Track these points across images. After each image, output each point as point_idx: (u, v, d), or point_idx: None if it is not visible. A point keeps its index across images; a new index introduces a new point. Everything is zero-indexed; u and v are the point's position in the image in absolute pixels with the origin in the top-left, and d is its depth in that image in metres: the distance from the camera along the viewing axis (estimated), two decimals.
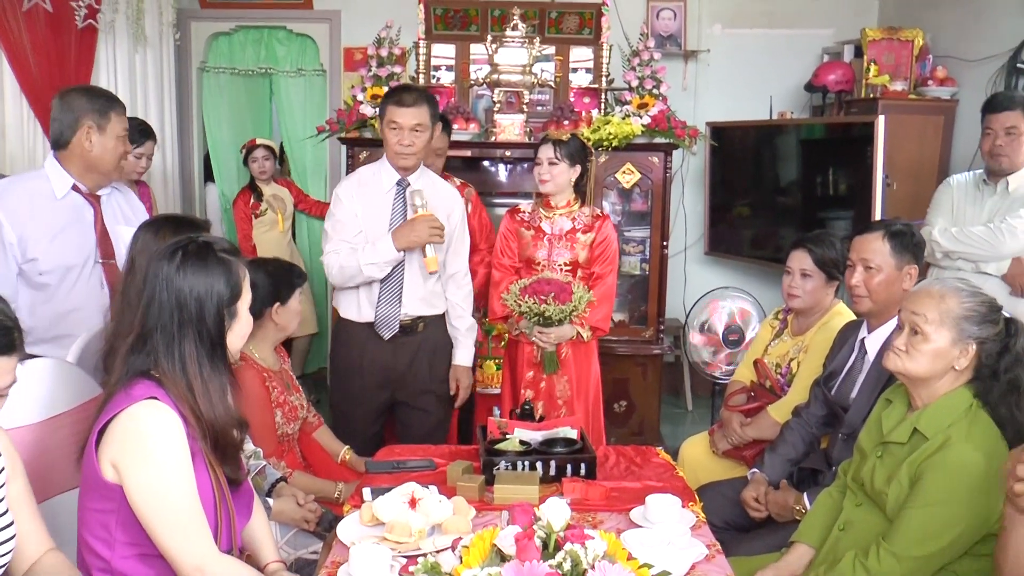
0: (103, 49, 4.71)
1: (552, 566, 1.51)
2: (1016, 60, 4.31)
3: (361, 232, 3.29)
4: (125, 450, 1.83)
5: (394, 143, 3.22)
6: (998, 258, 3.45)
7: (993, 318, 2.08)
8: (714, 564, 2.03)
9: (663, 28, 5.86)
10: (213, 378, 1.92)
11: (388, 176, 3.32)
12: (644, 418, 4.90)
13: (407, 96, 3.22)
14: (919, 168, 4.83)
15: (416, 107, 3.19)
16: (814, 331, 3.10)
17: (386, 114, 3.23)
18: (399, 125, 3.20)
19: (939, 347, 2.07)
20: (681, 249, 5.96)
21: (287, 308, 2.95)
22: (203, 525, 1.88)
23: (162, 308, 1.89)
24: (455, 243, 3.41)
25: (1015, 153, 3.47)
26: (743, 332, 5.23)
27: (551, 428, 2.69)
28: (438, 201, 3.31)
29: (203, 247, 1.94)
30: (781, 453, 2.88)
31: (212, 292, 1.91)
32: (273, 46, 6.28)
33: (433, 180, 3.44)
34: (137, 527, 1.86)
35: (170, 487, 1.83)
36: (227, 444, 1.96)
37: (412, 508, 2.07)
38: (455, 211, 3.41)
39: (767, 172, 5.46)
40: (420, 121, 3.21)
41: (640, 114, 4.56)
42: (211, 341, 1.92)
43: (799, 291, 3.11)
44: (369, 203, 3.31)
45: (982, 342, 2.06)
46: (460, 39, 4.86)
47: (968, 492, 1.97)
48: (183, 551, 1.84)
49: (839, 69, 5.23)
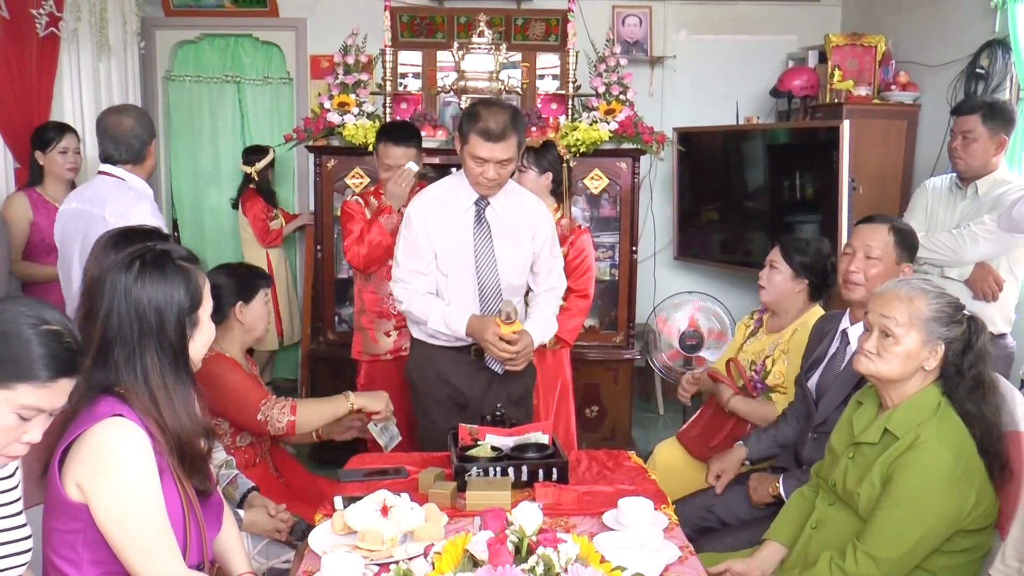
0: (65, 58, 4.64)
1: (525, 570, 1.51)
2: (975, 65, 4.38)
3: (435, 259, 3.02)
4: (90, 470, 1.80)
5: (476, 175, 2.91)
6: (961, 263, 3.49)
7: (958, 318, 2.11)
8: (687, 566, 2.04)
9: (629, 34, 5.90)
10: (177, 388, 1.89)
11: (466, 195, 3.02)
12: (615, 423, 4.91)
13: (494, 126, 2.82)
14: (884, 172, 4.90)
15: (505, 141, 2.84)
16: (791, 332, 3.13)
17: (468, 140, 2.88)
18: (484, 160, 2.87)
19: (909, 349, 2.10)
20: (650, 254, 5.99)
21: (251, 308, 2.92)
22: (171, 543, 1.85)
23: (121, 320, 1.86)
24: (543, 260, 3.14)
25: (969, 157, 3.51)
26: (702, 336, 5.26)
27: (522, 434, 2.69)
28: (522, 219, 3.07)
29: (161, 255, 1.91)
30: (771, 433, 2.94)
31: (172, 301, 1.88)
32: (239, 54, 6.25)
33: (519, 197, 3.12)
34: (104, 547, 1.83)
35: (136, 506, 1.80)
36: (194, 455, 1.94)
37: (384, 516, 2.06)
38: (541, 229, 3.11)
39: (734, 177, 5.50)
40: (509, 156, 2.89)
41: (607, 120, 4.59)
42: (173, 351, 1.89)
43: (766, 283, 3.19)
44: (444, 223, 3.01)
45: (949, 342, 2.10)
46: (426, 46, 4.86)
47: (939, 490, 2.00)
48: (151, 571, 1.81)
49: (804, 74, 5.29)
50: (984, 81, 4.32)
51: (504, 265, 3.04)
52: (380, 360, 3.88)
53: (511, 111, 2.90)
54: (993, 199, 3.45)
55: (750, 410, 3.12)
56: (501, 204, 3.03)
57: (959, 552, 2.08)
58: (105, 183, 3.20)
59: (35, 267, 3.92)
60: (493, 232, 3.02)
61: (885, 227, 2.73)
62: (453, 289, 3.03)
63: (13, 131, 4.24)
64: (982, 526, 2.07)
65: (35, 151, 3.97)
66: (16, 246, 3.86)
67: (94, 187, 3.23)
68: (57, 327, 1.61)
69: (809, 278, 3.13)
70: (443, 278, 3.04)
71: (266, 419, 2.74)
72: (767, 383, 3.12)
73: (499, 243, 3.03)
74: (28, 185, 4.02)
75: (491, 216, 3.02)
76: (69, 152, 3.98)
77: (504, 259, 3.04)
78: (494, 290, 3.04)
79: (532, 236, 3.08)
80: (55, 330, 1.60)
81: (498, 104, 2.93)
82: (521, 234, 3.06)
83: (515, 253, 3.06)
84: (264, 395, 2.80)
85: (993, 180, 3.51)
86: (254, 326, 2.95)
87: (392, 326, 3.87)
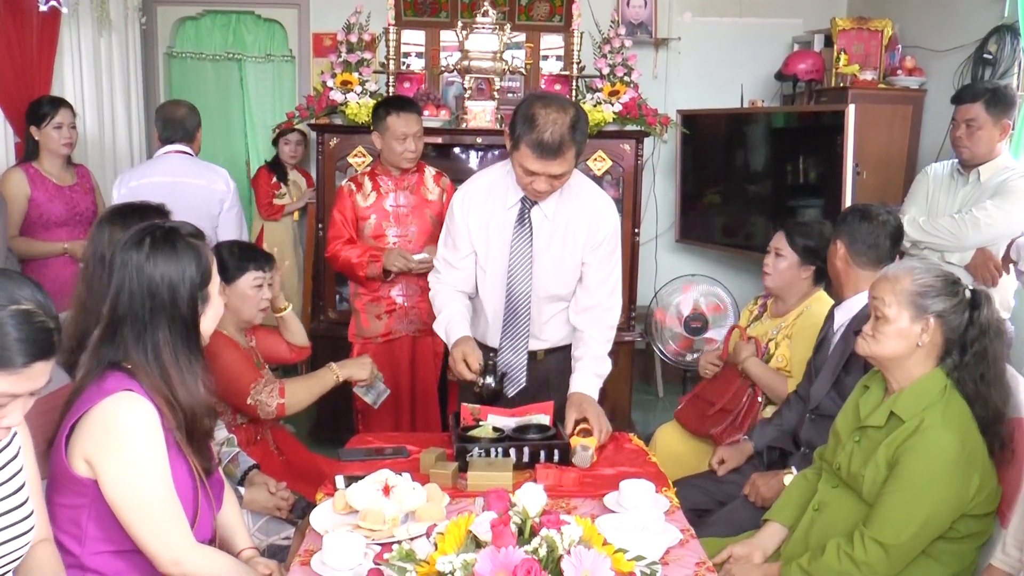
0: (67, 34, 4.61)
1: (528, 552, 1.50)
2: (982, 51, 4.35)
3: (473, 255, 2.80)
4: (100, 445, 1.80)
5: (524, 183, 2.63)
6: (962, 249, 3.48)
7: (950, 291, 2.11)
8: (688, 549, 2.04)
9: (633, 16, 5.85)
10: (190, 364, 1.91)
11: (513, 190, 2.73)
12: (616, 405, 4.90)
13: (549, 139, 2.48)
14: (888, 157, 4.87)
15: (561, 157, 2.52)
16: (794, 316, 3.13)
17: (519, 147, 2.54)
18: (535, 173, 2.57)
19: (900, 327, 2.10)
20: (652, 237, 5.98)
21: (234, 288, 2.81)
22: (179, 517, 1.87)
23: (132, 297, 1.87)
24: (593, 271, 2.78)
25: (974, 145, 3.49)
26: (706, 321, 5.26)
27: (524, 415, 2.68)
28: (578, 220, 2.74)
29: (170, 232, 1.92)
30: (775, 423, 2.94)
31: (184, 277, 1.89)
32: (241, 31, 6.22)
33: (577, 192, 2.75)
34: (110, 522, 1.84)
35: (146, 481, 1.82)
36: (201, 433, 1.95)
37: (385, 496, 2.05)
38: (599, 231, 2.75)
39: (738, 160, 5.48)
40: (564, 171, 2.58)
41: (611, 101, 4.57)
42: (185, 327, 1.91)
43: (771, 270, 3.17)
44: (485, 218, 2.76)
45: (941, 316, 2.09)
46: (430, 25, 4.84)
47: (944, 474, 2.00)
48: (160, 544, 1.83)
49: (809, 58, 5.26)
50: (992, 67, 4.29)
51: (542, 274, 2.75)
52: (371, 343, 3.87)
53: (572, 116, 2.51)
54: (995, 185, 3.44)
55: (764, 375, 3.10)
56: (552, 204, 2.72)
57: (961, 538, 2.08)
58: (175, 158, 3.94)
59: (34, 243, 3.90)
60: (535, 235, 2.73)
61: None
62: (486, 290, 2.82)
63: (13, 106, 4.21)
64: (986, 511, 2.07)
65: (30, 126, 3.95)
66: (14, 222, 3.84)
67: (168, 162, 3.94)
68: (28, 306, 1.49)
69: (816, 263, 3.10)
70: (482, 274, 2.82)
71: (256, 404, 2.74)
72: (770, 365, 3.11)
73: (540, 249, 2.74)
74: (24, 160, 4.00)
75: (536, 217, 2.72)
76: (64, 127, 3.95)
77: (543, 267, 2.75)
78: (524, 300, 2.77)
79: (587, 238, 2.74)
80: (27, 310, 1.48)
81: (558, 105, 2.53)
82: (573, 238, 2.74)
83: (560, 261, 2.76)
84: (254, 378, 2.78)
85: (996, 166, 3.50)
86: (238, 308, 2.85)
87: (383, 309, 3.85)
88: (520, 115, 2.55)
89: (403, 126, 3.67)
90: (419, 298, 3.80)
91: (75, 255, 3.87)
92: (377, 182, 3.80)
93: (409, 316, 3.85)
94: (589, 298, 2.79)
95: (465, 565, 1.49)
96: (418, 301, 3.81)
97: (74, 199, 4.00)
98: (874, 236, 2.75)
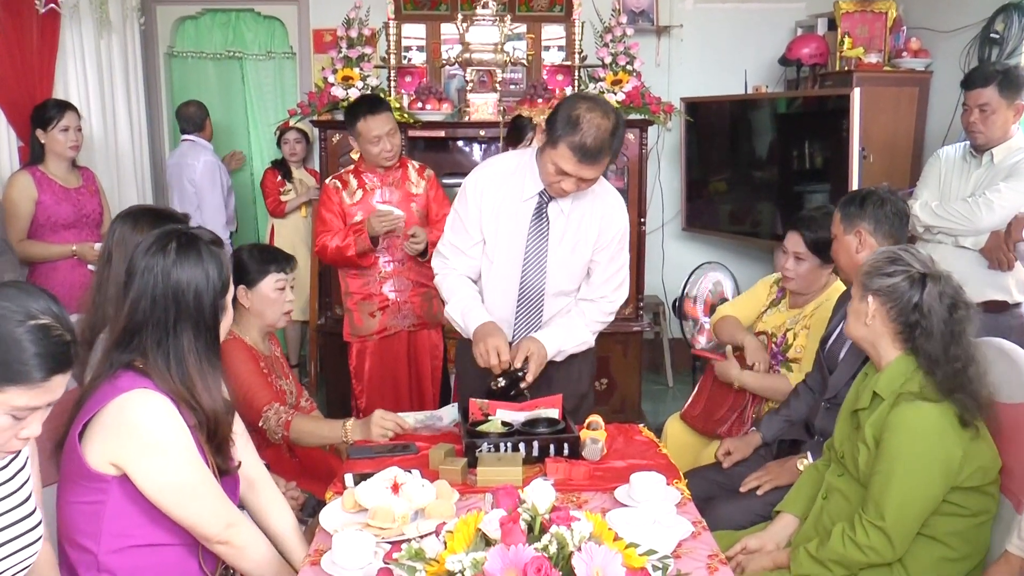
0: (67, 35, 4.60)
1: (538, 549, 1.49)
2: (989, 30, 4.31)
3: (483, 242, 2.74)
4: (124, 444, 1.82)
5: (551, 181, 2.58)
6: (976, 232, 3.44)
7: (888, 271, 2.13)
8: (700, 541, 2.02)
9: (634, 4, 5.81)
10: (214, 370, 1.93)
11: (532, 181, 2.67)
12: (625, 396, 4.90)
13: (592, 143, 2.46)
14: (894, 140, 4.84)
15: (598, 163, 2.52)
16: (813, 307, 3.09)
17: (557, 146, 2.49)
18: (567, 174, 2.53)
19: (855, 306, 2.21)
20: (658, 226, 5.95)
21: (256, 292, 2.82)
22: (218, 489, 1.91)
23: (155, 303, 1.87)
24: (601, 267, 2.78)
25: (989, 129, 3.46)
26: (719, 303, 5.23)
27: (533, 409, 2.67)
28: (591, 216, 2.72)
29: (193, 239, 1.93)
30: (782, 414, 2.92)
31: (209, 283, 1.91)
32: (241, 29, 6.21)
33: (592, 190, 2.70)
34: (129, 517, 1.85)
35: (177, 465, 1.85)
36: (223, 435, 1.97)
37: (395, 493, 2.04)
38: (609, 228, 2.74)
39: (743, 147, 5.45)
40: (595, 176, 2.60)
41: (614, 91, 4.54)
42: (208, 332, 1.92)
43: (792, 274, 3.10)
44: (500, 206, 2.70)
45: (878, 293, 2.13)
46: (430, 19, 4.80)
47: (923, 441, 2.01)
48: (208, 520, 1.89)
49: (813, 42, 5.22)
50: (999, 47, 4.25)
51: (555, 270, 2.74)
52: (367, 341, 3.86)
53: (613, 123, 2.50)
54: (1009, 166, 3.40)
55: (762, 385, 3.09)
56: (569, 199, 2.68)
57: (962, 516, 2.07)
58: (184, 145, 5.53)
59: (42, 246, 3.91)
60: (551, 231, 2.70)
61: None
62: (493, 281, 2.78)
63: (15, 109, 4.21)
64: (980, 483, 2.06)
65: (36, 129, 3.94)
66: (21, 226, 3.85)
67: (181, 149, 5.54)
68: (45, 320, 1.49)
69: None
70: (488, 264, 2.77)
71: (265, 428, 2.74)
72: (787, 355, 3.09)
73: (555, 245, 2.71)
74: (30, 163, 3.99)
75: (553, 212, 2.70)
76: (70, 130, 3.95)
77: (557, 263, 2.73)
78: (537, 295, 2.75)
79: (598, 236, 2.73)
80: (44, 324, 1.49)
81: (602, 111, 2.49)
82: (585, 234, 2.72)
83: (572, 258, 2.74)
84: (269, 400, 2.75)
85: (1009, 147, 3.46)
86: (261, 311, 2.85)
87: (376, 307, 3.82)
88: (563, 114, 2.51)
89: (375, 128, 3.62)
90: (411, 293, 3.81)
91: (83, 258, 3.91)
92: (362, 179, 3.78)
93: (403, 311, 3.83)
94: (593, 292, 2.81)
95: (475, 564, 1.48)
96: (410, 296, 3.82)
97: (80, 201, 4.01)
98: (896, 216, 2.70)
